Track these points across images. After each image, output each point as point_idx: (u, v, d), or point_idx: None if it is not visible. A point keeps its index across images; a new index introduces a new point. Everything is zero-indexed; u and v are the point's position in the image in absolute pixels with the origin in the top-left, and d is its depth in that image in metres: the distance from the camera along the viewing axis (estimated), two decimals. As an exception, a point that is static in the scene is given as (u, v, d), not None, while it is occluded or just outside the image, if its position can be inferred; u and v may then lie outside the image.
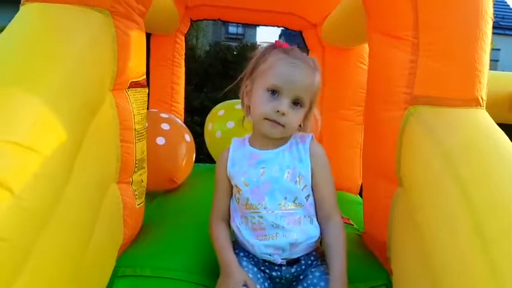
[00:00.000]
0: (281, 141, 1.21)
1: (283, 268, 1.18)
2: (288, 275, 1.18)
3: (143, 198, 1.46)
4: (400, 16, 1.26)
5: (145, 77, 1.44)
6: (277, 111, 1.13)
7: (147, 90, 1.46)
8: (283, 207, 1.15)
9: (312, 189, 1.19)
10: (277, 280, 1.19)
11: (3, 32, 1.06)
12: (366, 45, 2.25)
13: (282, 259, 1.16)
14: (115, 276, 1.24)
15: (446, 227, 0.98)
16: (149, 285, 1.23)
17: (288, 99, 1.14)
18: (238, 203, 1.20)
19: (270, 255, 1.16)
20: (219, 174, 1.27)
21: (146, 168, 1.47)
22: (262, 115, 1.16)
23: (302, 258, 1.19)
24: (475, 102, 1.20)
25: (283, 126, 1.15)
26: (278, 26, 2.72)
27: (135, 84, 1.34)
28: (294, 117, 1.16)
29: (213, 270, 1.26)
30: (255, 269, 1.17)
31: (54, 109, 0.89)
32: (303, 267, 1.19)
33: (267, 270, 1.19)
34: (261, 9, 2.39)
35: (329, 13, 2.17)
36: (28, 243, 0.79)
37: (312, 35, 2.44)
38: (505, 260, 0.83)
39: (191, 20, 2.51)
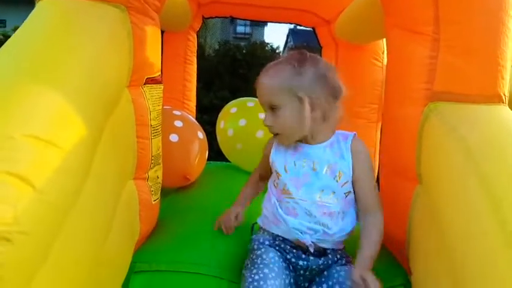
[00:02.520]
0: (323, 138, 1.24)
1: (311, 258, 1.20)
2: (314, 266, 1.20)
3: (159, 194, 1.45)
4: (420, 11, 1.23)
5: (160, 73, 1.43)
6: (266, 125, 1.22)
7: (162, 87, 1.45)
8: (319, 199, 1.18)
9: (353, 186, 1.21)
10: (302, 272, 1.21)
11: (21, 28, 1.06)
12: (380, 42, 2.24)
13: (312, 242, 1.17)
14: (131, 271, 1.24)
15: (470, 224, 0.96)
16: (166, 279, 1.23)
17: (266, 110, 1.21)
18: (276, 187, 1.25)
19: (301, 232, 1.17)
20: (264, 155, 1.37)
21: (161, 165, 1.46)
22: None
23: (329, 251, 1.21)
24: (497, 99, 1.18)
25: (278, 134, 1.22)
26: (290, 23, 2.70)
27: (150, 81, 1.33)
28: (278, 120, 1.18)
29: (229, 263, 1.26)
30: (281, 262, 1.18)
31: (73, 104, 0.89)
32: (330, 261, 1.21)
33: (294, 259, 1.21)
34: (273, 6, 2.37)
35: (343, 9, 2.15)
36: (49, 237, 0.78)
37: (325, 31, 2.42)
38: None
39: (203, 17, 2.50)
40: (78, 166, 0.87)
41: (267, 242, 1.23)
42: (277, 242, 1.23)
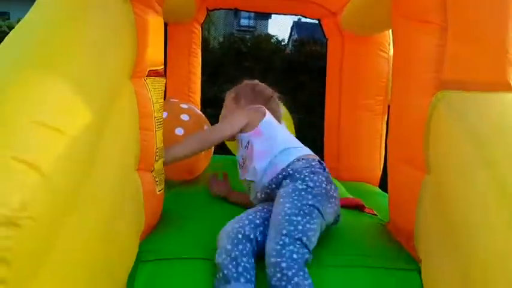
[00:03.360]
0: None
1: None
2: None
3: (163, 185, 1.45)
4: (428, 0, 1.22)
5: (163, 66, 1.42)
6: None
7: (165, 81, 1.44)
8: None
9: None
10: None
11: (26, 18, 1.06)
12: (386, 33, 2.22)
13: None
14: (138, 261, 1.24)
15: (480, 213, 0.95)
16: (173, 267, 1.23)
17: None
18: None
19: None
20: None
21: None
22: None
23: None
24: (505, 87, 1.15)
25: None
26: (296, 15, 2.68)
27: (153, 73, 1.32)
28: None
29: None
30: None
31: (79, 93, 0.89)
32: None
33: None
34: (278, -2, 2.35)
35: (348, 1, 2.13)
36: (56, 223, 0.79)
37: (330, 23, 2.40)
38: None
39: (207, 9, 2.48)
40: (84, 153, 0.87)
41: None
42: None
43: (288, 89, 4.82)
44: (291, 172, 1.36)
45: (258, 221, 1.27)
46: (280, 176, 1.38)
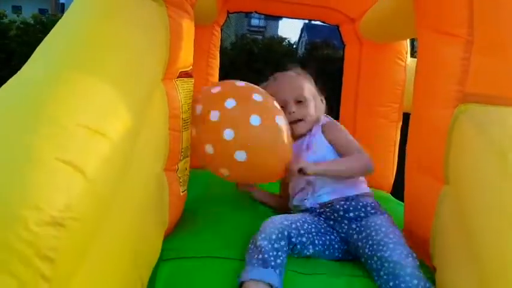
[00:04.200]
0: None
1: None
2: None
3: (186, 186, 1.48)
4: (454, 13, 1.24)
5: (192, 67, 1.45)
6: (289, 113, 1.55)
7: (193, 80, 1.47)
8: None
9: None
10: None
11: (64, 19, 1.08)
12: (404, 42, 2.24)
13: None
14: (160, 259, 1.26)
15: (502, 228, 0.97)
16: (194, 265, 1.25)
17: (290, 102, 1.58)
18: None
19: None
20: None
21: (190, 157, 1.49)
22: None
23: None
24: (529, 101, 1.18)
25: (302, 120, 1.59)
26: (315, 20, 2.70)
27: (184, 74, 1.36)
28: (302, 110, 1.59)
29: None
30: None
31: (118, 95, 0.91)
32: None
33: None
34: (298, 2, 2.37)
35: (368, 7, 2.15)
36: (97, 224, 0.81)
37: (349, 29, 2.42)
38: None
39: (228, 11, 2.51)
40: (123, 156, 0.90)
41: None
42: None
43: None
44: (373, 205, 1.45)
45: (302, 231, 1.32)
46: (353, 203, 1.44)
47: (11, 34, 4.75)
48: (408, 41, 2.29)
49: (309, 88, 1.64)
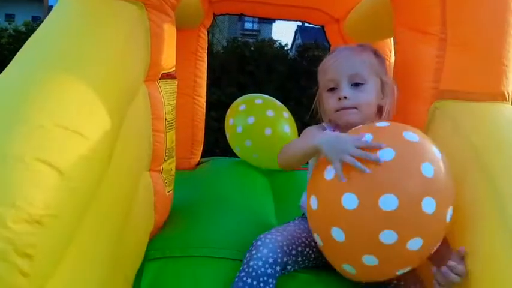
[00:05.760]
0: None
1: None
2: None
3: (172, 186, 1.50)
4: (428, 11, 1.28)
5: (174, 68, 1.48)
6: (339, 99, 1.22)
7: (177, 82, 1.50)
8: None
9: None
10: None
11: (45, 23, 1.11)
12: (388, 40, 2.27)
13: None
14: (145, 259, 1.28)
15: (475, 220, 1.00)
16: (179, 265, 1.26)
17: (344, 84, 1.23)
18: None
19: None
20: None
21: (175, 158, 1.51)
22: (332, 110, 1.25)
23: None
24: (501, 97, 1.22)
25: (354, 108, 1.22)
26: (300, 21, 2.74)
27: (166, 76, 1.38)
28: (359, 94, 1.23)
29: (242, 244, 1.28)
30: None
31: (97, 97, 0.93)
32: None
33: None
34: (283, 4, 2.40)
35: (352, 7, 2.18)
36: (75, 222, 0.83)
37: (334, 30, 2.46)
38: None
39: (214, 14, 2.53)
40: (101, 155, 0.92)
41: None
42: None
43: (291, 93, 4.87)
44: None
45: (299, 259, 1.20)
46: None
47: (2, 42, 4.77)
48: (392, 39, 2.32)
49: (376, 70, 1.28)
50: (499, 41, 1.20)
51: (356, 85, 1.23)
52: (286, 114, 2.41)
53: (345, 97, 1.22)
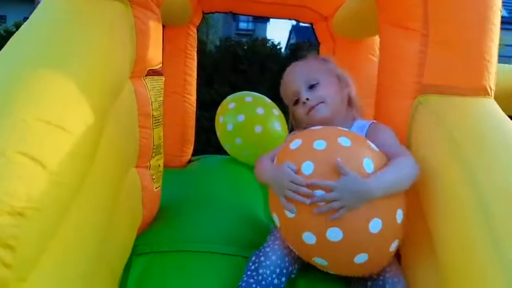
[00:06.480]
0: (344, 124, 1.31)
1: None
2: None
3: (160, 183, 1.51)
4: (410, 8, 1.29)
5: (161, 65, 1.48)
6: (304, 103, 1.31)
7: (163, 79, 1.50)
8: None
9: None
10: None
11: (29, 21, 1.11)
12: (376, 37, 2.28)
13: None
14: (133, 254, 1.29)
15: (454, 211, 1.02)
16: (167, 260, 1.28)
17: (302, 90, 1.33)
18: None
19: None
20: None
21: (163, 154, 1.52)
22: (304, 117, 1.33)
23: None
24: (483, 91, 1.23)
25: (321, 102, 1.30)
26: (289, 19, 2.74)
27: (152, 72, 1.39)
28: (318, 93, 1.31)
29: (229, 239, 1.30)
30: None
31: (81, 92, 0.94)
32: None
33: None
34: (272, 2, 2.41)
35: (340, 5, 2.19)
36: (58, 215, 0.84)
37: (322, 27, 2.47)
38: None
39: (203, 12, 2.54)
40: (85, 149, 0.92)
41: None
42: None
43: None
44: None
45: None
46: None
47: (-7, 43, 4.76)
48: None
49: (324, 69, 1.38)
50: (481, 37, 1.22)
51: (312, 87, 1.33)
52: (276, 111, 2.42)
53: (307, 99, 1.31)
